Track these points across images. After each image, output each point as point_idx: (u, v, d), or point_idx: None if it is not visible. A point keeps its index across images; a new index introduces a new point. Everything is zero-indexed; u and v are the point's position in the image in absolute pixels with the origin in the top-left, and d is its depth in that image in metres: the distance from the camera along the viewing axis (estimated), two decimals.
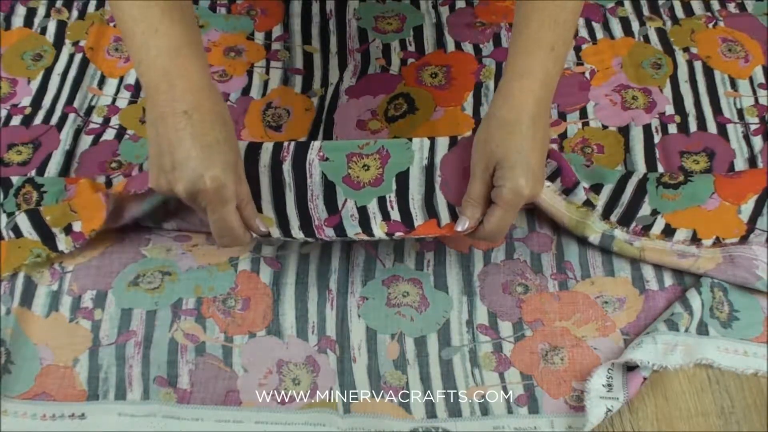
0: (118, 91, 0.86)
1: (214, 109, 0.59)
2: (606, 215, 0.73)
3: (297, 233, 0.67)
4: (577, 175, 0.73)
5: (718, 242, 0.71)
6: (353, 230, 0.68)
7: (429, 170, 0.69)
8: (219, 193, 0.58)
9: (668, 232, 0.72)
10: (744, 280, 0.69)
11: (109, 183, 0.75)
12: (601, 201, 0.73)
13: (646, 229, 0.72)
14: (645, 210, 0.72)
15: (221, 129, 0.59)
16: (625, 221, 0.72)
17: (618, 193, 0.73)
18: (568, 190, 0.73)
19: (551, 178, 0.73)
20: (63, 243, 0.71)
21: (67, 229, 0.71)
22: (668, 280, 0.72)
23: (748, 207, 0.72)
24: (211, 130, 0.59)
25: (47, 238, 0.71)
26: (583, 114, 0.83)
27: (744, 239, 0.71)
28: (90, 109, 0.84)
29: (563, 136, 0.82)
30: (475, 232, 0.66)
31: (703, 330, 0.68)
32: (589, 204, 0.73)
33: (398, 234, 0.67)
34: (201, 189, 0.58)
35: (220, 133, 0.59)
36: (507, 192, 0.62)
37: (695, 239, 0.71)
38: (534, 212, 0.76)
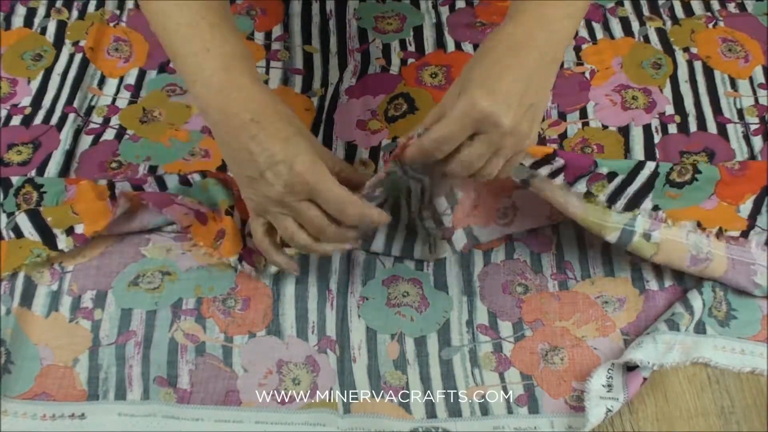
0: (118, 91, 0.86)
1: (278, 110, 0.60)
2: (608, 205, 0.71)
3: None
4: (597, 160, 0.70)
5: (720, 233, 0.71)
6: None
7: None
8: (315, 171, 0.57)
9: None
10: (744, 289, 0.69)
11: (111, 185, 0.75)
12: (607, 191, 0.72)
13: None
14: (646, 204, 0.72)
15: (291, 125, 0.59)
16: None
17: (625, 184, 0.71)
18: (569, 185, 0.71)
19: (554, 174, 0.72)
20: (63, 242, 0.71)
21: (69, 231, 0.71)
22: (668, 280, 0.72)
23: (746, 206, 0.72)
24: (285, 128, 0.59)
25: (48, 238, 0.71)
26: (583, 114, 0.83)
27: (745, 234, 0.71)
28: (90, 109, 0.84)
29: (563, 136, 0.82)
30: (446, 163, 0.59)
31: (700, 329, 0.68)
32: (589, 195, 0.71)
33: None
34: (297, 174, 0.57)
35: (292, 129, 0.59)
36: (459, 106, 0.55)
37: (700, 227, 0.71)
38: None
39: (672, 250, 0.69)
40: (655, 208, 0.72)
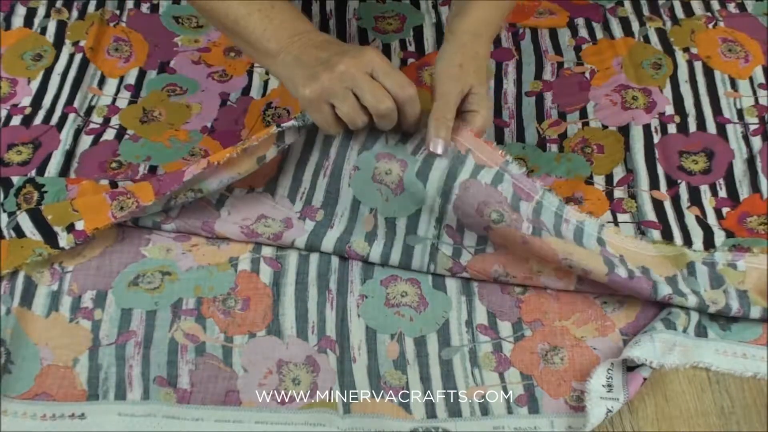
0: (118, 91, 0.86)
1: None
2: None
3: None
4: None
5: None
6: None
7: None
8: (381, 54, 0.65)
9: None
10: None
11: (114, 185, 0.75)
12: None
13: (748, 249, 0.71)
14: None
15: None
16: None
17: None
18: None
19: None
20: (64, 240, 0.71)
21: (69, 228, 0.72)
22: None
23: None
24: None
25: (49, 237, 0.71)
26: (583, 114, 0.83)
27: None
28: (90, 109, 0.84)
29: (563, 136, 0.82)
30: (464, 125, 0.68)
31: (702, 332, 0.68)
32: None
33: None
34: (363, 52, 0.64)
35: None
36: (483, 116, 0.68)
37: None
38: None
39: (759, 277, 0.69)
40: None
